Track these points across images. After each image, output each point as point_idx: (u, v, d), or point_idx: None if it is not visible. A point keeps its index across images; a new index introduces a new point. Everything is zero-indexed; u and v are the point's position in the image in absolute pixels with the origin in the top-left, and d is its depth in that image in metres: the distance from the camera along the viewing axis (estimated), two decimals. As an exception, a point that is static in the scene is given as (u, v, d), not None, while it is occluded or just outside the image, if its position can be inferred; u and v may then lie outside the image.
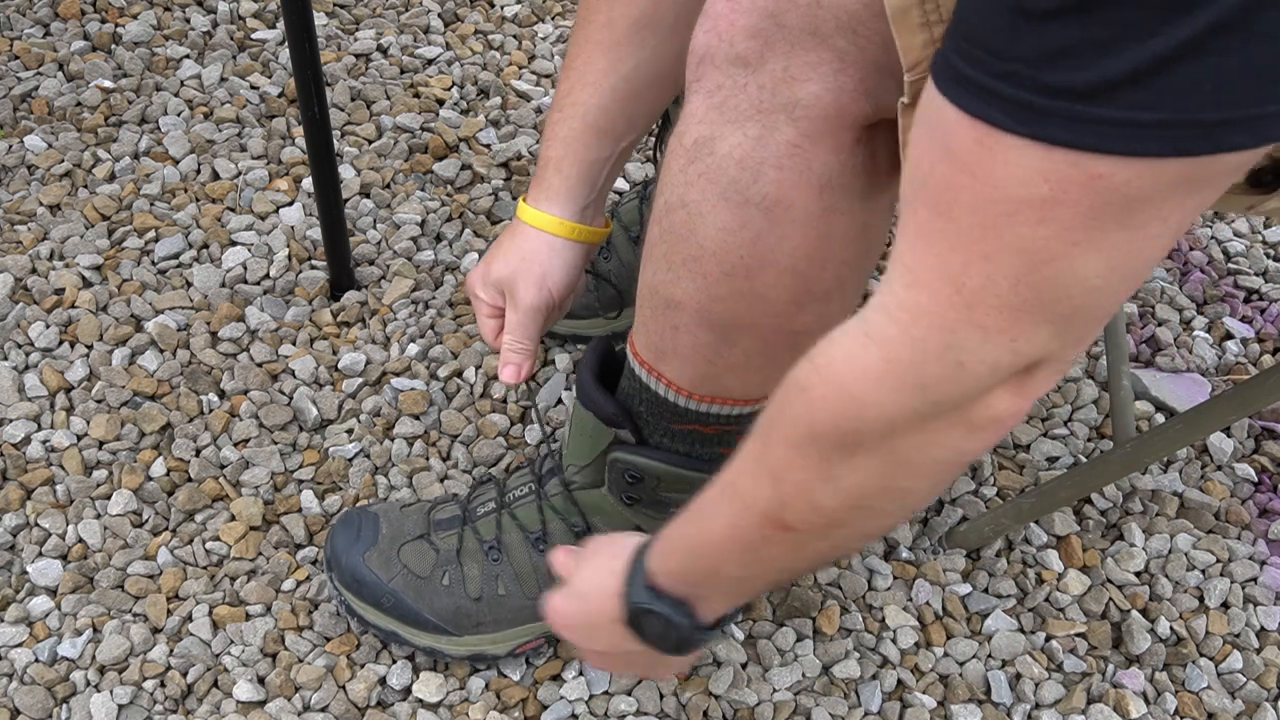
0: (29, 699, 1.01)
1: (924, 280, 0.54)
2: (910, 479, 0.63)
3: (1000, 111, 0.48)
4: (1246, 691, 1.10)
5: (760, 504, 0.66)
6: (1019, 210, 0.50)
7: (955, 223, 0.52)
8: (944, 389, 0.56)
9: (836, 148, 0.71)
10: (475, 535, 1.02)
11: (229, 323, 1.27)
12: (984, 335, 0.54)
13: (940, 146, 0.52)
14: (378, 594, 1.02)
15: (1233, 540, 1.20)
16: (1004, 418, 0.59)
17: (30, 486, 1.15)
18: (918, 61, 0.61)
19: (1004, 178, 0.49)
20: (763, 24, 0.69)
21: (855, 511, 0.65)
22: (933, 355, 0.55)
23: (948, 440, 0.60)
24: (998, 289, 0.52)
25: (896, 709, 1.06)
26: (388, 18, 1.64)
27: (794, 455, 0.63)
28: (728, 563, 0.71)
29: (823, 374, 0.60)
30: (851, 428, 0.60)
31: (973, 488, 1.21)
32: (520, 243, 0.95)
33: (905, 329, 0.55)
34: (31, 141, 1.43)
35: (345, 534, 1.04)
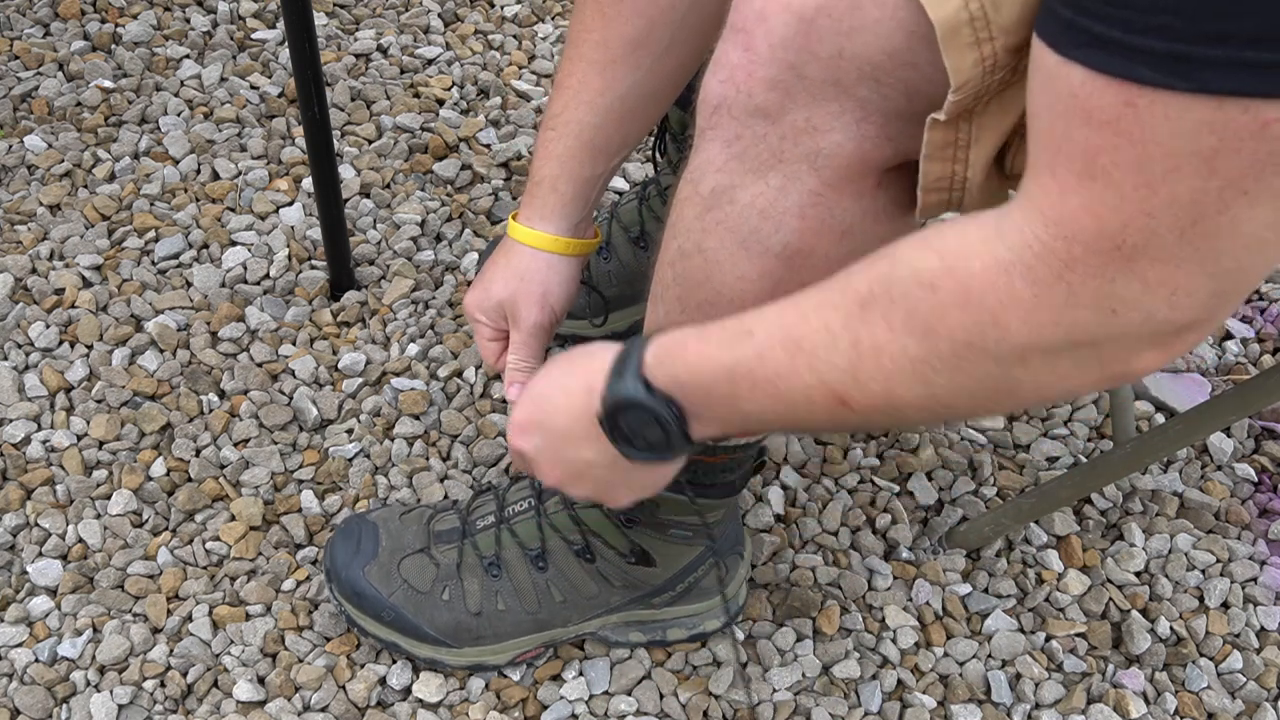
0: (29, 699, 1.01)
1: (1078, 236, 0.52)
2: (1005, 401, 0.61)
3: (1150, 68, 0.47)
4: (1246, 691, 1.10)
5: (826, 371, 0.63)
6: (1183, 164, 0.48)
7: (1112, 185, 0.50)
8: (1091, 333, 0.55)
9: (858, 194, 0.70)
10: (475, 550, 1.02)
11: (229, 323, 1.27)
12: (1144, 287, 0.53)
13: (1077, 112, 0.50)
14: (378, 608, 1.02)
15: (1233, 540, 1.20)
16: (1136, 371, 0.58)
17: (30, 486, 1.15)
18: (966, 81, 0.60)
19: (1164, 134, 0.48)
20: (783, 75, 0.67)
21: (925, 412, 0.62)
22: (1086, 301, 0.54)
23: (1069, 379, 0.58)
24: (1163, 243, 0.51)
25: (896, 709, 1.06)
26: (388, 18, 1.64)
27: (894, 342, 0.60)
28: (754, 402, 0.66)
29: (958, 279, 0.57)
30: (980, 345, 0.57)
31: (973, 488, 1.21)
32: (517, 262, 0.94)
33: (1059, 274, 0.54)
34: (31, 141, 1.43)
35: (345, 546, 1.04)
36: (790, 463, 1.22)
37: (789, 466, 1.21)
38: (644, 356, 0.70)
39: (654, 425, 0.70)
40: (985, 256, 0.56)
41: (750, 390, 0.66)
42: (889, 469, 1.22)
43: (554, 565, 1.00)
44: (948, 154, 0.65)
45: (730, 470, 0.92)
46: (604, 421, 0.72)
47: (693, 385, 0.69)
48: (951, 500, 1.21)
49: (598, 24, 0.88)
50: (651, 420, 0.70)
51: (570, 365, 0.77)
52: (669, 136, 1.20)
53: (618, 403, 0.70)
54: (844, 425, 0.67)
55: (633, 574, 1.00)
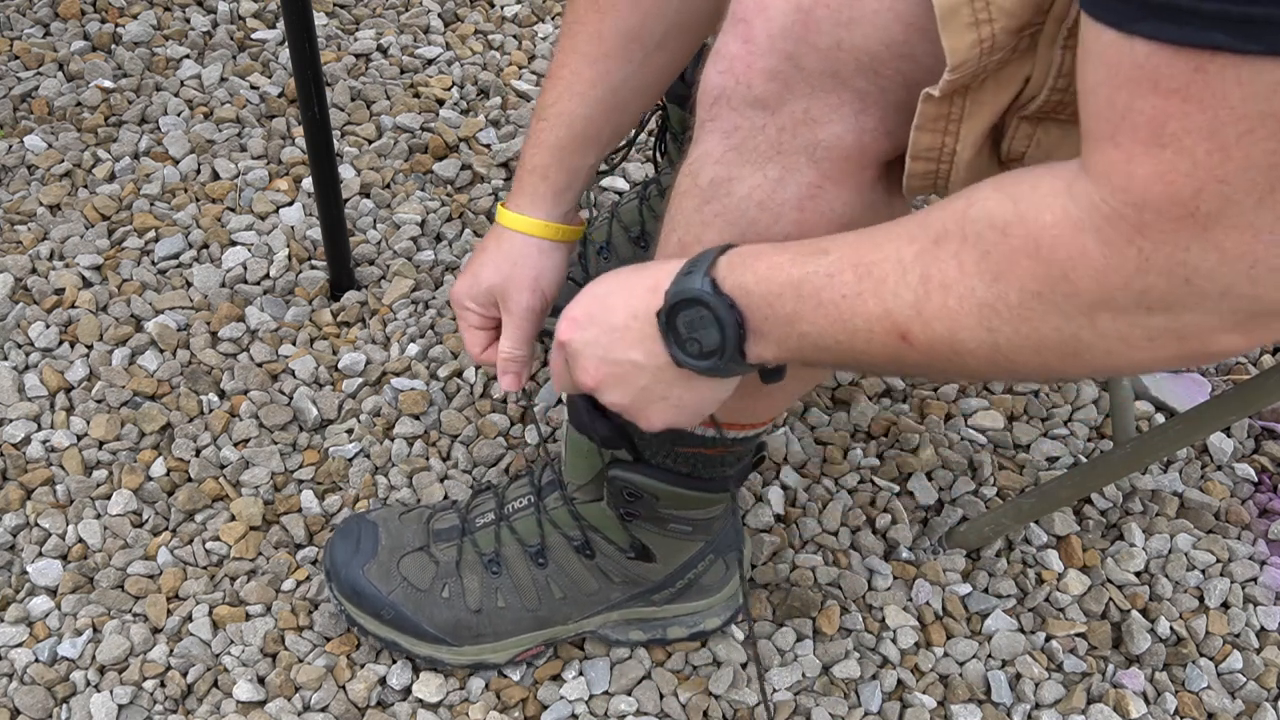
0: (29, 699, 1.01)
1: (1149, 202, 0.51)
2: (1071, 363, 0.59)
3: (1224, 33, 0.46)
4: (1246, 691, 1.10)
5: (892, 303, 0.61)
6: (1258, 127, 0.48)
7: (1184, 152, 0.49)
8: (1164, 300, 0.53)
9: (857, 186, 0.70)
10: (474, 547, 1.02)
11: (229, 323, 1.27)
12: (1221, 257, 0.51)
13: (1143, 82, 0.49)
14: (378, 606, 1.02)
15: (1233, 540, 1.20)
16: (1216, 353, 0.56)
17: (30, 486, 1.15)
18: (963, 61, 0.60)
19: (1236, 98, 0.47)
20: (781, 66, 0.67)
21: (987, 363, 0.60)
22: (1159, 267, 0.52)
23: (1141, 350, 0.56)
24: (1239, 209, 0.50)
25: (896, 709, 1.06)
26: (388, 18, 1.64)
27: (963, 282, 0.58)
28: (814, 324, 0.65)
29: (1029, 229, 0.56)
30: (1048, 299, 0.56)
31: (973, 488, 1.21)
32: (508, 248, 0.94)
33: (1130, 238, 0.52)
34: (31, 141, 1.43)
35: (344, 545, 1.04)
36: (790, 463, 1.22)
37: (789, 466, 1.21)
38: (718, 259, 0.68)
39: (713, 327, 0.68)
40: (1056, 210, 0.55)
41: (814, 310, 0.64)
42: (889, 469, 1.22)
43: (554, 561, 1.00)
44: (939, 126, 0.65)
45: (729, 464, 0.92)
46: (662, 316, 0.70)
47: (759, 295, 0.66)
48: (951, 500, 1.21)
49: (592, 17, 0.88)
50: (711, 321, 0.67)
51: (639, 268, 0.75)
52: (670, 135, 1.20)
53: (681, 297, 0.68)
54: (901, 364, 0.64)
55: (633, 569, 1.00)
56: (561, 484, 0.99)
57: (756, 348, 0.68)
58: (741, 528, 1.08)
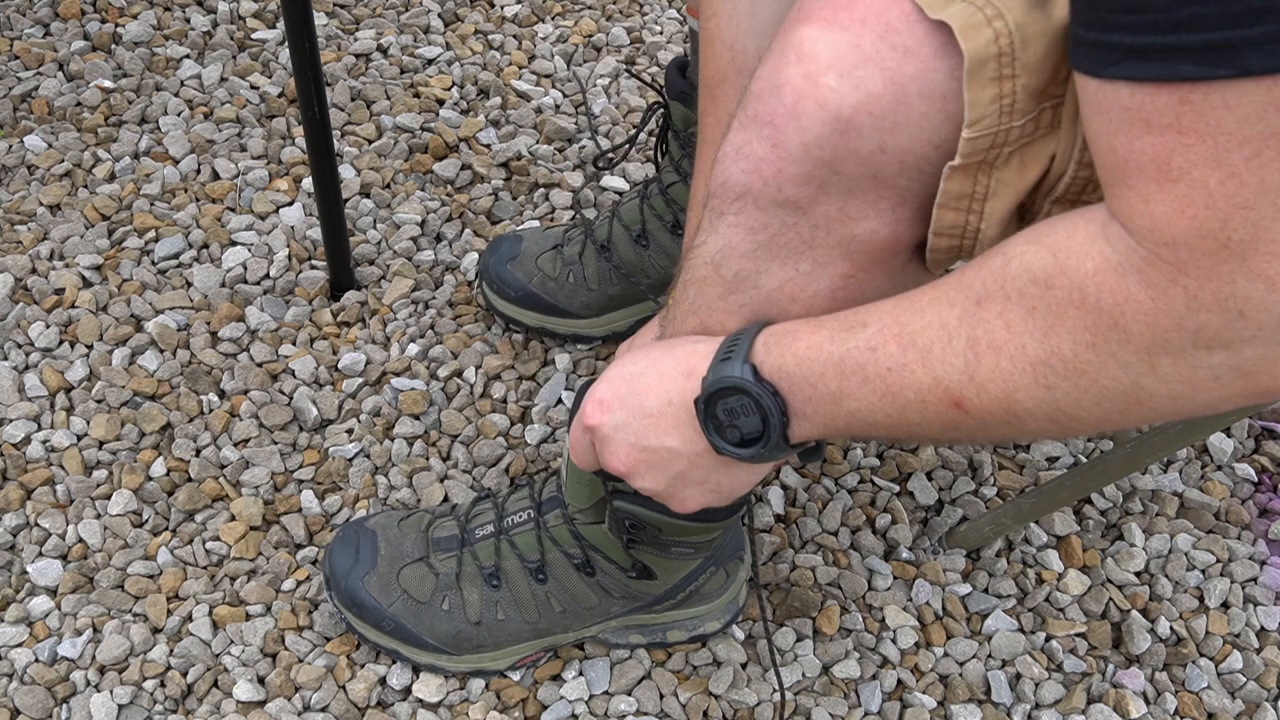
0: (29, 699, 1.01)
1: (1179, 239, 0.50)
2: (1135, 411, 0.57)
3: (1192, 63, 0.46)
4: (1246, 691, 1.10)
5: (942, 370, 0.59)
6: (1264, 149, 0.47)
7: (1195, 185, 0.49)
8: (1221, 337, 0.52)
9: (889, 271, 0.68)
10: (474, 560, 1.01)
11: (229, 323, 1.27)
12: (1269, 286, 0.50)
13: (1136, 124, 0.49)
14: (378, 618, 1.02)
15: (1233, 540, 1.20)
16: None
17: (30, 486, 1.15)
18: (981, 116, 0.59)
19: (1229, 123, 0.47)
20: (817, 172, 0.64)
21: (1047, 421, 0.58)
22: (1208, 305, 0.51)
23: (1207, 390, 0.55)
24: (1271, 234, 0.49)
25: (896, 709, 1.06)
26: (388, 18, 1.64)
27: (1013, 342, 0.57)
28: (861, 400, 0.63)
29: (1072, 279, 0.54)
30: (1103, 349, 0.54)
31: (973, 488, 1.21)
32: None
33: (1174, 278, 0.51)
34: (31, 141, 1.43)
35: (344, 555, 1.04)
36: (790, 463, 1.22)
37: (789, 467, 1.21)
38: (754, 343, 0.67)
39: (754, 414, 0.66)
40: (1096, 257, 0.54)
41: (860, 386, 0.63)
42: (889, 469, 1.22)
43: (554, 578, 1.00)
44: (963, 205, 0.63)
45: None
46: (701, 405, 0.68)
47: (799, 376, 0.65)
48: (951, 500, 1.21)
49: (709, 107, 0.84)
50: (752, 408, 0.66)
51: (669, 348, 0.73)
52: (671, 134, 1.20)
53: (720, 385, 0.66)
54: (957, 432, 0.62)
55: (633, 586, 1.00)
56: (562, 502, 0.99)
57: (800, 430, 0.67)
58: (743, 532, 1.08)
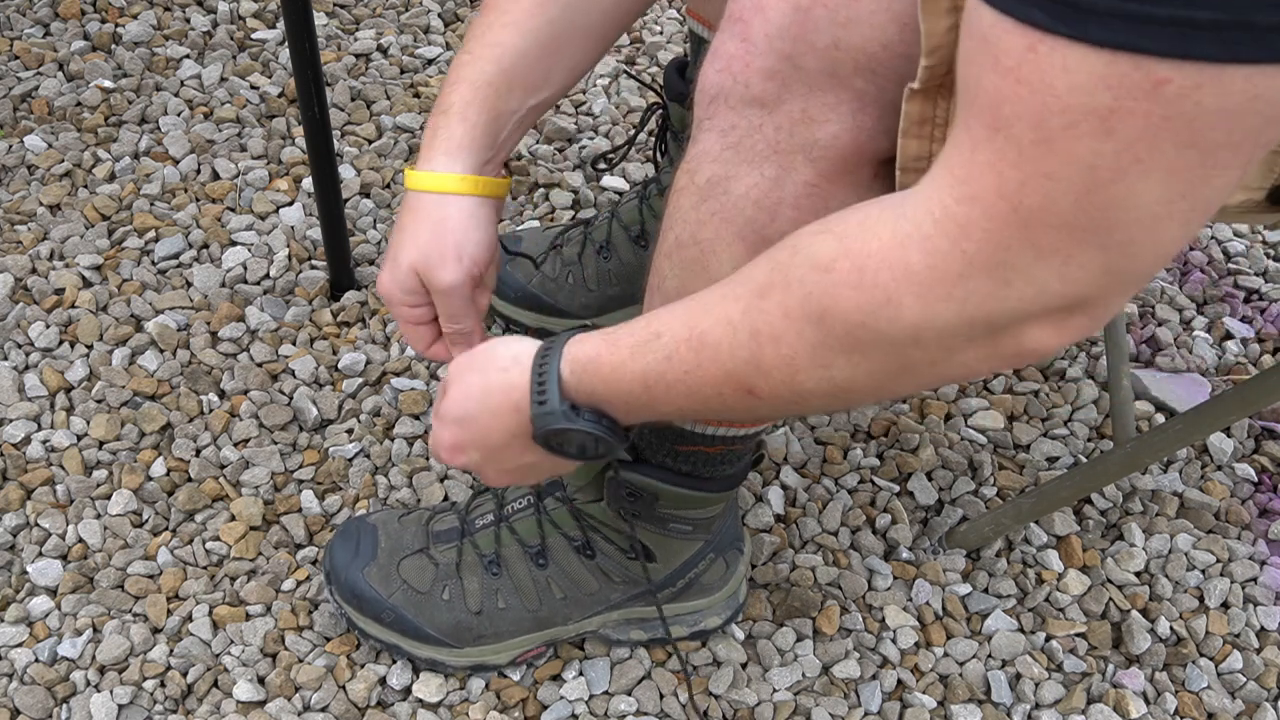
0: (29, 699, 1.01)
1: (978, 195, 0.52)
2: (905, 385, 0.61)
3: (1044, 11, 0.46)
4: (1246, 691, 1.10)
5: (730, 364, 0.63)
6: (1080, 121, 0.48)
7: (1013, 139, 0.50)
8: (985, 305, 0.55)
9: (854, 185, 0.70)
10: (474, 549, 1.02)
11: (229, 323, 1.27)
12: (1037, 254, 0.52)
13: (988, 57, 0.50)
14: (378, 609, 1.02)
15: (1233, 540, 1.20)
16: (1032, 351, 0.57)
17: (30, 486, 1.15)
18: (938, 45, 0.60)
19: (1062, 86, 0.47)
20: (779, 66, 0.68)
21: (829, 399, 0.63)
22: (980, 269, 0.54)
23: (965, 359, 0.58)
24: (1058, 207, 0.50)
25: (896, 709, 1.06)
26: (388, 18, 1.64)
27: (791, 329, 0.60)
28: (670, 403, 0.68)
29: (854, 260, 0.57)
30: (873, 325, 0.57)
31: (973, 488, 1.21)
32: (423, 217, 0.85)
33: (955, 242, 0.53)
34: (31, 141, 1.43)
35: (344, 548, 1.04)
36: (790, 463, 1.22)
37: (789, 466, 1.21)
38: (562, 376, 0.71)
39: (589, 439, 0.72)
40: (884, 235, 0.56)
41: (665, 393, 0.67)
42: (889, 469, 1.22)
43: (554, 562, 1.00)
44: (925, 131, 0.65)
45: (729, 462, 0.92)
46: (539, 440, 0.73)
47: (611, 396, 0.70)
48: (951, 500, 1.21)
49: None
50: (585, 436, 0.72)
51: (485, 383, 0.76)
52: (670, 134, 1.20)
53: (550, 432, 0.72)
54: (757, 413, 0.68)
55: (633, 569, 1.00)
56: (562, 484, 0.99)
57: (631, 424, 0.73)
58: (741, 527, 1.08)
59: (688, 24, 1.18)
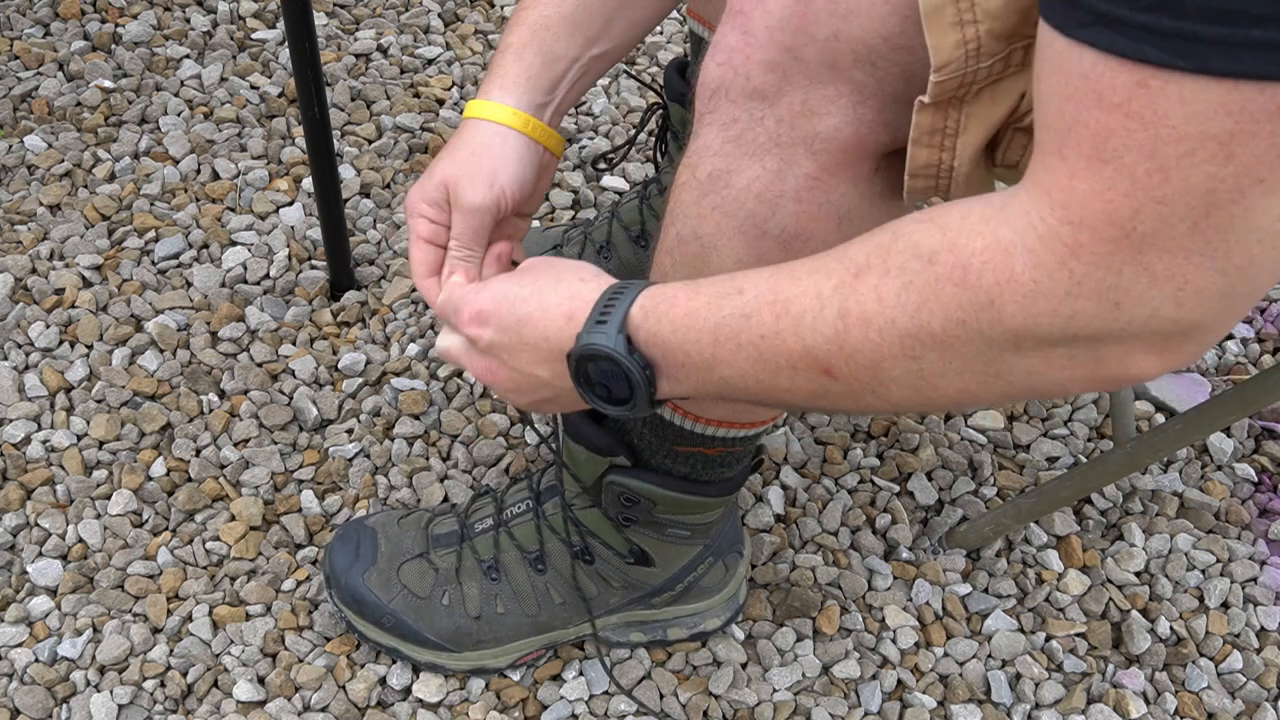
0: (29, 699, 1.01)
1: (1086, 221, 0.51)
2: (993, 391, 0.59)
3: (1156, 47, 0.46)
4: (1246, 691, 1.10)
5: (812, 338, 0.60)
6: (1199, 149, 0.47)
7: (1124, 169, 0.49)
8: (1091, 325, 0.53)
9: (855, 179, 0.70)
10: (474, 554, 1.02)
11: (229, 323, 1.27)
12: (1152, 280, 0.51)
13: (1088, 94, 0.49)
14: (378, 614, 1.02)
15: (1233, 540, 1.20)
16: (1134, 376, 0.56)
17: (30, 486, 1.15)
18: (947, 61, 0.60)
19: (1178, 117, 0.47)
20: (780, 58, 0.67)
21: (912, 393, 0.60)
22: (1089, 291, 0.52)
23: (1062, 376, 0.56)
24: (1173, 232, 0.49)
25: (896, 709, 1.06)
26: (388, 18, 1.64)
27: (884, 314, 0.58)
28: (732, 366, 0.64)
29: (958, 255, 0.55)
30: (974, 325, 0.56)
31: (973, 488, 1.21)
32: (468, 139, 0.84)
33: (1063, 260, 0.52)
34: (31, 141, 1.43)
35: (344, 552, 1.04)
36: (790, 463, 1.22)
37: (789, 466, 1.21)
38: (632, 308, 0.67)
39: (622, 382, 0.67)
40: (987, 235, 0.55)
41: (733, 353, 0.64)
42: (889, 469, 1.22)
43: (553, 567, 1.00)
44: (935, 141, 0.65)
45: (728, 465, 0.92)
46: (573, 361, 0.69)
47: (674, 344, 0.66)
48: (951, 500, 1.21)
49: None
50: (621, 378, 0.67)
51: (557, 279, 0.72)
52: (670, 135, 1.20)
53: (592, 352, 0.67)
54: (825, 399, 0.63)
55: (632, 574, 1.00)
56: (561, 490, 0.99)
57: (668, 388, 0.68)
58: (741, 528, 1.08)
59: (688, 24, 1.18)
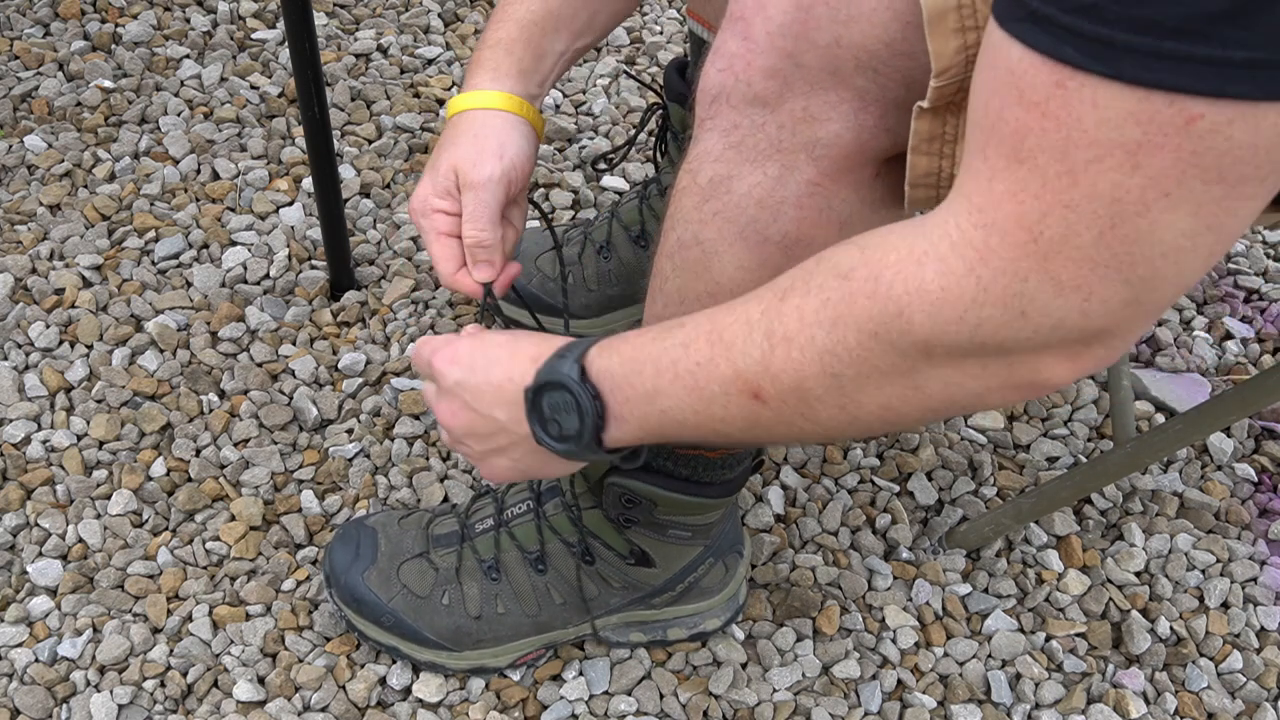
0: (29, 699, 1.01)
1: (997, 223, 0.52)
2: (914, 406, 0.60)
3: (1076, 49, 0.46)
4: (1246, 691, 1.10)
5: (742, 361, 0.63)
6: (1107, 155, 0.48)
7: (1036, 170, 0.50)
8: (998, 334, 0.54)
9: (856, 184, 0.70)
10: (474, 554, 1.02)
11: (229, 323, 1.27)
12: (1057, 289, 0.52)
13: (1012, 90, 0.50)
14: (378, 613, 1.02)
15: (1233, 540, 1.20)
16: (1046, 383, 0.57)
17: (30, 486, 1.15)
18: (948, 67, 0.60)
19: (1090, 121, 0.47)
20: (781, 64, 0.67)
21: (837, 411, 0.62)
22: (995, 298, 0.53)
23: (976, 385, 0.58)
24: (1079, 240, 0.50)
25: (896, 709, 1.06)
26: (388, 18, 1.64)
27: (804, 333, 0.60)
28: (671, 396, 0.66)
29: (872, 269, 0.57)
30: (885, 336, 0.57)
31: (973, 488, 1.21)
32: (463, 129, 0.85)
33: (971, 266, 0.53)
34: (31, 141, 1.43)
35: (344, 551, 1.04)
36: (790, 463, 1.22)
37: (789, 466, 1.21)
38: (591, 348, 0.70)
39: (573, 414, 0.69)
40: (902, 249, 0.56)
41: (671, 383, 0.66)
42: (889, 469, 1.22)
43: (553, 568, 1.00)
44: (935, 148, 0.65)
45: (728, 467, 0.92)
46: (529, 395, 0.71)
47: (621, 376, 0.68)
48: (951, 500, 1.21)
49: None
50: (573, 407, 0.69)
51: (531, 336, 0.76)
52: (670, 135, 1.20)
53: (547, 379, 0.69)
54: (757, 428, 0.65)
55: (632, 575, 1.00)
56: (561, 490, 0.99)
57: (618, 432, 0.69)
58: (741, 528, 1.08)
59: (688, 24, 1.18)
